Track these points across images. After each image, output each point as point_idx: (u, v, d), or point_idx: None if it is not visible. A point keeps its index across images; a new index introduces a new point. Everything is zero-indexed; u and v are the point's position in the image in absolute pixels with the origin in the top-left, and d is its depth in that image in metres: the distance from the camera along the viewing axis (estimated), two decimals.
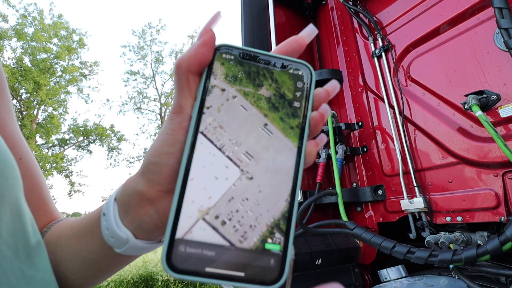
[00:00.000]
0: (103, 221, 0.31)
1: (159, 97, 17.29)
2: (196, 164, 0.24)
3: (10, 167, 0.30)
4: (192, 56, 0.25)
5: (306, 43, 0.28)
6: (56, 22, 13.71)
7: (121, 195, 0.31)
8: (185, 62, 0.26)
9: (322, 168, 1.19)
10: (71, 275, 0.37)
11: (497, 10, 0.83)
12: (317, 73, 1.35)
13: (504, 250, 0.68)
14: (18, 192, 0.31)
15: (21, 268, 0.29)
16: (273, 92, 0.26)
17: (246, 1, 1.38)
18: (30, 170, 0.43)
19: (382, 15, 1.27)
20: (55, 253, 0.37)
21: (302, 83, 0.27)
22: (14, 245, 0.29)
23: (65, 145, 14.71)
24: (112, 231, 0.30)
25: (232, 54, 0.27)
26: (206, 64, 0.26)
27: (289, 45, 0.28)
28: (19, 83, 12.14)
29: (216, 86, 0.26)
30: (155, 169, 0.27)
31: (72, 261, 0.36)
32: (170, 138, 0.26)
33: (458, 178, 0.95)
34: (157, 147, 0.27)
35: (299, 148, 0.25)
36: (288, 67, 0.27)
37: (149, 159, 0.27)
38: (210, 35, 0.26)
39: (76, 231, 0.37)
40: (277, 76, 0.27)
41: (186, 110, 0.26)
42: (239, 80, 0.26)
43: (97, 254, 0.34)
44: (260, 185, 0.24)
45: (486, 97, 0.88)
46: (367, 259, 1.11)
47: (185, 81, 0.26)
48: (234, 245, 0.22)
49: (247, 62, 0.27)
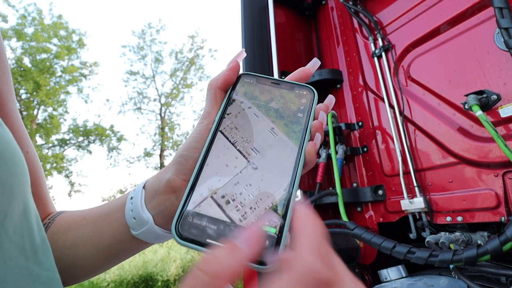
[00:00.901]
0: (128, 204, 0.36)
1: (159, 97, 17.28)
2: (212, 154, 0.29)
3: (19, 164, 0.30)
4: (221, 77, 0.34)
5: (311, 73, 0.36)
6: (55, 22, 13.70)
7: (150, 183, 0.36)
8: (215, 81, 0.34)
9: (322, 168, 1.19)
10: (79, 261, 0.39)
11: (497, 10, 0.82)
12: (317, 73, 1.34)
13: (505, 250, 0.68)
14: (26, 189, 0.32)
15: (28, 267, 0.29)
16: (280, 105, 0.33)
17: (246, 1, 1.38)
18: (34, 163, 0.43)
19: (382, 15, 1.27)
20: (64, 242, 0.40)
21: (306, 100, 0.33)
22: (21, 244, 0.29)
23: (65, 145, 14.70)
24: (136, 212, 0.35)
25: (251, 78, 0.35)
26: (230, 83, 0.34)
27: (298, 74, 0.36)
28: (19, 83, 12.13)
29: (236, 100, 0.33)
30: (183, 161, 0.33)
31: (83, 248, 0.39)
32: (197, 136, 0.33)
33: (458, 178, 0.94)
34: (187, 143, 0.34)
35: (299, 147, 0.30)
36: (295, 88, 0.34)
37: (179, 153, 0.34)
38: (235, 64, 0.34)
39: (90, 219, 0.40)
40: (285, 94, 0.34)
41: (212, 116, 0.33)
42: (254, 96, 0.34)
43: (112, 239, 0.38)
44: (263, 175, 0.28)
45: (486, 97, 0.88)
46: (367, 259, 1.11)
47: (213, 95, 0.34)
48: (234, 222, 0.25)
49: (262, 84, 0.35)
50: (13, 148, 0.30)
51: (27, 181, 0.32)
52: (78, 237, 0.40)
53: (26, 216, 0.31)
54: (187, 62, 17.26)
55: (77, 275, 0.40)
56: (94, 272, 0.41)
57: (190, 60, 17.17)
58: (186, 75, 17.32)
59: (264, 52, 1.32)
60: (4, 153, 0.28)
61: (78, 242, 0.39)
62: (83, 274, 0.41)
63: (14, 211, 0.29)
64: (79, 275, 0.41)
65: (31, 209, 0.33)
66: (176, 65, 17.29)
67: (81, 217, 0.41)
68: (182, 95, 17.38)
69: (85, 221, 0.40)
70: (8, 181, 0.28)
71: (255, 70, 1.28)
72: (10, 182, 0.28)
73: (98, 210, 0.41)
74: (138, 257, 6.40)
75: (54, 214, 0.44)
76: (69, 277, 0.39)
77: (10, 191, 0.28)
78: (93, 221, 0.40)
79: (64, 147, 14.70)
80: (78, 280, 0.41)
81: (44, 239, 0.34)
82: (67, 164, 14.44)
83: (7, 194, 0.28)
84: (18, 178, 0.30)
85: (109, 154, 16.06)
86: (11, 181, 0.28)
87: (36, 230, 0.32)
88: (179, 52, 17.24)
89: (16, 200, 0.29)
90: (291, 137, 0.30)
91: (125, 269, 5.72)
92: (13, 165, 0.29)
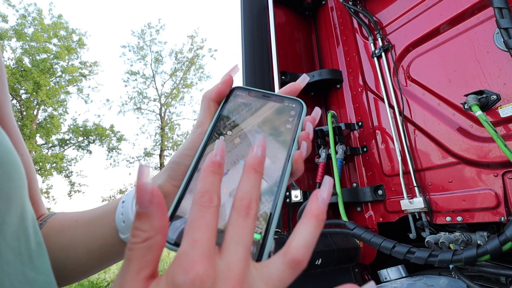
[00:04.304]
0: (119, 207, 0.37)
1: (159, 97, 17.28)
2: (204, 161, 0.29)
3: (17, 169, 0.30)
4: (214, 89, 0.35)
5: (301, 88, 0.38)
6: (55, 22, 13.70)
7: None
8: (209, 93, 0.35)
9: (322, 168, 1.19)
10: (70, 263, 0.40)
11: (497, 10, 0.83)
12: (317, 73, 1.35)
13: (504, 250, 0.68)
14: (24, 194, 0.32)
15: (24, 271, 0.29)
16: (270, 117, 0.34)
17: (246, 1, 1.38)
18: (28, 166, 0.43)
19: (382, 15, 1.27)
20: (55, 243, 0.40)
21: (295, 112, 0.35)
22: (18, 248, 0.29)
23: (65, 145, 14.70)
24: (126, 215, 0.36)
25: (243, 91, 0.36)
26: (223, 96, 0.35)
27: (288, 88, 0.38)
28: (19, 83, 12.14)
29: (228, 110, 0.34)
30: (175, 167, 0.35)
31: (74, 249, 0.40)
32: (189, 144, 0.34)
33: (458, 178, 0.94)
34: (180, 150, 0.35)
35: (287, 156, 0.31)
36: (284, 101, 0.36)
37: (172, 160, 0.35)
38: (229, 77, 0.36)
39: (83, 221, 0.41)
40: (275, 106, 0.35)
41: (204, 126, 0.34)
42: (245, 106, 0.35)
43: (103, 241, 0.39)
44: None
45: (486, 97, 0.88)
46: (367, 259, 1.11)
47: (207, 106, 0.35)
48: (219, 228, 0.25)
49: (254, 97, 0.36)
50: (10, 153, 0.30)
51: (24, 186, 0.32)
52: (70, 239, 0.40)
53: (23, 221, 0.31)
54: (187, 62, 17.26)
55: (68, 276, 0.41)
56: (84, 274, 0.42)
57: (190, 60, 17.17)
58: (186, 75, 17.32)
59: (264, 52, 1.32)
60: (2, 158, 0.28)
61: (69, 244, 0.40)
62: (74, 276, 0.42)
63: (12, 216, 0.29)
64: (70, 276, 0.41)
65: (28, 213, 0.33)
66: (176, 65, 17.29)
67: (73, 219, 0.42)
68: (182, 95, 17.38)
69: (77, 223, 0.41)
70: (6, 186, 0.28)
71: (255, 70, 1.28)
72: (8, 188, 0.28)
73: (90, 213, 0.42)
74: None
75: (46, 216, 0.45)
76: (60, 278, 0.39)
77: (8, 197, 0.28)
78: (85, 223, 0.40)
79: (64, 147, 14.70)
80: (69, 281, 0.42)
81: (40, 243, 0.34)
82: (67, 164, 14.44)
83: (5, 199, 0.28)
84: (15, 183, 0.29)
85: (109, 154, 16.06)
86: (8, 186, 0.28)
87: (32, 235, 0.32)
88: (179, 52, 17.23)
89: (14, 205, 0.29)
90: (279, 147, 0.31)
91: None
92: (11, 170, 0.29)
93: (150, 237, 0.21)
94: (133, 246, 0.20)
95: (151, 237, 0.21)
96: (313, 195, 0.25)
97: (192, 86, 17.38)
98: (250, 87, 0.37)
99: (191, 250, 0.20)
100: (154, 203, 0.21)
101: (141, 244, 0.20)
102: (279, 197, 0.28)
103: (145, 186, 0.21)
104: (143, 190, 0.21)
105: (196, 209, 0.22)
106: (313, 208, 0.24)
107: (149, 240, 0.20)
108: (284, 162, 0.30)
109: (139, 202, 0.21)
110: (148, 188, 0.21)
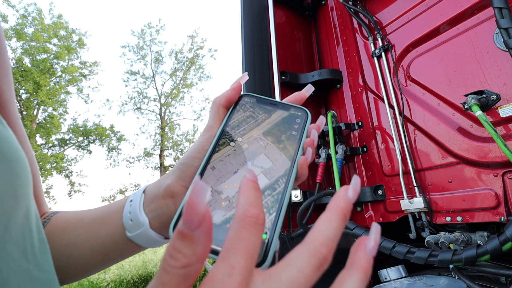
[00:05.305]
0: (127, 206, 0.38)
1: (159, 97, 17.27)
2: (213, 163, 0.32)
3: (23, 166, 0.30)
4: (224, 96, 0.37)
5: (306, 97, 0.40)
6: (55, 22, 13.70)
7: (151, 188, 0.39)
8: (218, 99, 0.37)
9: (322, 168, 1.19)
10: (74, 261, 0.40)
11: (496, 10, 0.83)
12: (317, 73, 1.34)
13: (504, 250, 0.68)
14: (29, 191, 0.32)
15: (28, 269, 0.29)
16: (277, 124, 0.36)
17: (246, 1, 1.38)
18: (33, 164, 0.43)
19: (382, 15, 1.27)
20: (60, 241, 0.40)
21: (300, 120, 0.37)
22: (23, 246, 0.29)
23: (65, 145, 14.71)
24: (134, 214, 0.37)
25: (251, 98, 0.38)
26: (232, 102, 0.37)
27: (294, 97, 0.39)
28: (19, 84, 12.13)
29: (236, 116, 0.36)
30: (184, 168, 0.36)
31: (79, 247, 0.40)
32: (199, 147, 0.35)
33: (458, 178, 0.94)
34: (188, 152, 0.36)
35: (292, 161, 0.33)
36: (291, 109, 0.38)
37: (181, 161, 0.36)
38: (238, 85, 0.38)
39: (88, 220, 0.41)
40: (281, 113, 0.37)
41: (213, 130, 0.35)
42: (253, 113, 0.37)
43: (108, 240, 0.39)
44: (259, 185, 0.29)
45: (486, 97, 0.88)
46: None
47: (216, 111, 0.36)
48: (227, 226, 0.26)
49: (261, 104, 0.38)
50: (17, 151, 0.30)
51: (30, 183, 0.32)
52: (75, 237, 0.40)
53: (28, 218, 0.31)
54: (187, 62, 17.26)
55: (71, 274, 0.41)
56: (87, 272, 0.42)
57: (190, 60, 17.17)
58: (186, 75, 17.33)
59: (264, 52, 1.32)
60: (10, 156, 0.28)
61: (74, 242, 0.40)
62: (77, 274, 0.42)
63: (18, 214, 0.29)
64: (73, 274, 0.41)
65: (32, 211, 0.33)
66: (176, 65, 17.29)
67: (78, 218, 0.42)
68: (182, 95, 17.39)
69: (82, 221, 0.41)
70: (13, 183, 0.28)
71: (255, 70, 1.28)
72: (15, 185, 0.28)
73: (95, 212, 0.42)
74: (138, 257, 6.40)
75: (50, 214, 0.45)
76: (63, 276, 0.40)
77: (15, 194, 0.28)
78: (90, 222, 0.41)
79: (64, 147, 14.70)
80: (72, 279, 0.42)
81: (43, 241, 0.34)
82: (67, 164, 14.45)
83: (13, 196, 0.28)
84: (22, 180, 0.30)
85: (109, 154, 16.06)
86: (16, 184, 0.28)
87: (36, 232, 0.32)
88: (179, 52, 17.24)
89: (20, 203, 0.29)
90: (285, 153, 0.33)
91: (125, 269, 5.73)
92: (18, 167, 0.29)
93: (191, 264, 0.18)
94: (171, 269, 0.18)
95: (191, 264, 0.18)
96: (360, 243, 0.23)
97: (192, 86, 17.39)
98: (258, 94, 0.39)
99: (228, 278, 0.18)
100: (204, 228, 0.18)
101: (179, 269, 0.18)
102: (285, 200, 0.29)
103: (197, 206, 0.18)
104: (194, 210, 0.18)
105: (238, 226, 0.19)
106: (361, 260, 0.22)
107: (188, 267, 0.18)
108: (290, 167, 0.32)
109: (187, 221, 0.18)
110: (201, 209, 0.18)
